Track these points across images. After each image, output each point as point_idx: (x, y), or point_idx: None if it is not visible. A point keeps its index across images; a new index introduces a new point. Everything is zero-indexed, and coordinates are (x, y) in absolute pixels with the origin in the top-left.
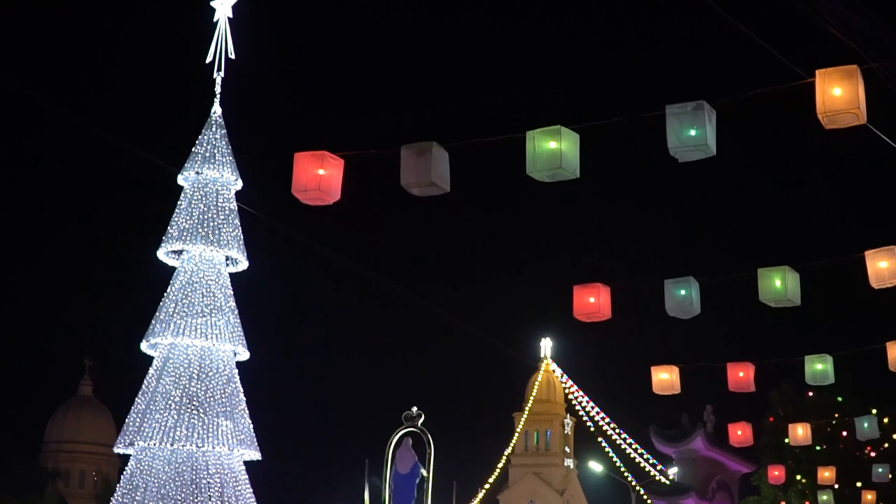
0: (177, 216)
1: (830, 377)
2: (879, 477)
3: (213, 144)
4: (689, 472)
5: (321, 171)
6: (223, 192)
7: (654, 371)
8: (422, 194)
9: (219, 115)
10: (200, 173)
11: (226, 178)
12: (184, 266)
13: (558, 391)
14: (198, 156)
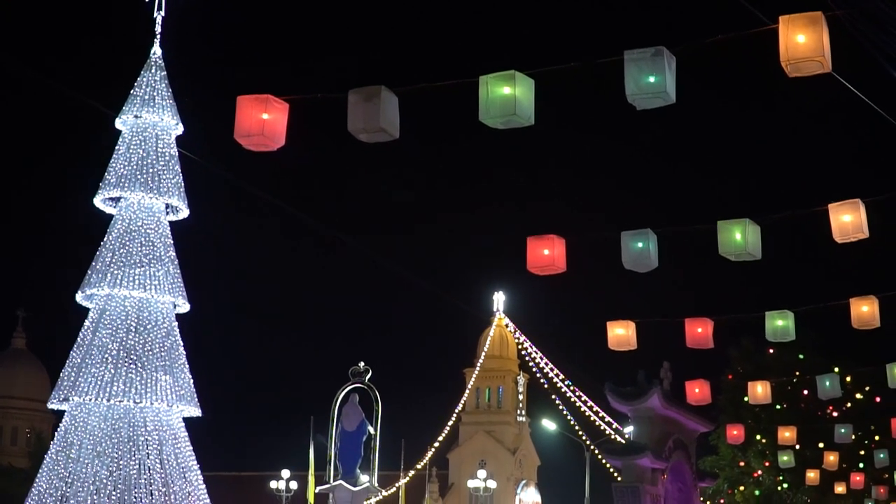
0: (114, 162)
1: (791, 334)
2: (842, 437)
3: (153, 87)
4: (644, 430)
5: (265, 115)
6: (163, 136)
7: (610, 326)
8: (370, 141)
9: (159, 57)
10: (139, 117)
11: (166, 123)
12: (121, 214)
13: (511, 347)
14: (137, 99)
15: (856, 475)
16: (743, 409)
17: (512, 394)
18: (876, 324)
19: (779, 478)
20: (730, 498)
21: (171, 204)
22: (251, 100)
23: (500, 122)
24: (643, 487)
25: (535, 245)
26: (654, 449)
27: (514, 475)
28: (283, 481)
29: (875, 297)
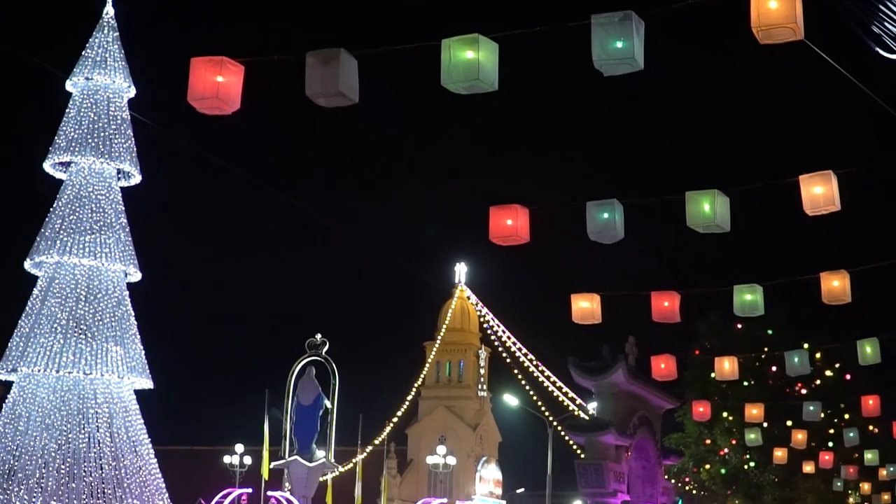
0: (65, 125)
1: (760, 308)
2: (810, 415)
3: (105, 48)
4: (608, 406)
5: (220, 78)
6: (115, 99)
7: (574, 299)
8: (328, 105)
9: (111, 17)
10: (91, 79)
11: (118, 85)
12: (72, 179)
13: (473, 319)
14: (88, 60)
15: (825, 454)
16: (709, 386)
17: (473, 368)
18: (847, 299)
19: (745, 456)
20: (695, 476)
21: (123, 169)
22: (205, 62)
23: (462, 88)
24: (606, 465)
25: (497, 215)
26: (619, 425)
27: (474, 451)
28: (237, 456)
29: (846, 271)
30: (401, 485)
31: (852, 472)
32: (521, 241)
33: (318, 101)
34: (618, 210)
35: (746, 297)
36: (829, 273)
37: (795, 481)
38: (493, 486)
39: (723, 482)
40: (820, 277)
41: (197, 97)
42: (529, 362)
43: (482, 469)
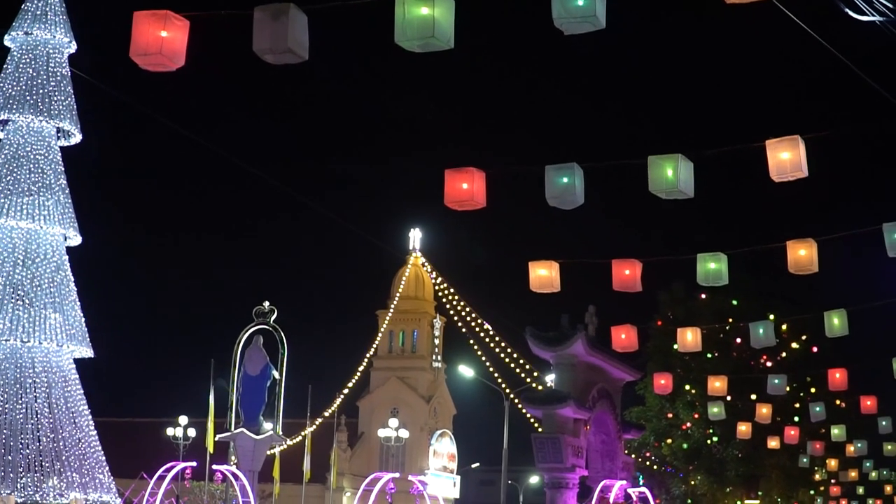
0: (2, 81)
1: (724, 278)
2: (775, 389)
3: (45, 2)
4: (567, 378)
5: (164, 33)
6: (55, 55)
7: (532, 267)
8: (277, 62)
9: None
10: (30, 34)
11: (58, 40)
12: (9, 138)
13: (427, 287)
14: (27, 14)
15: (790, 429)
16: (672, 358)
17: (427, 338)
18: (814, 269)
19: (708, 430)
20: (656, 451)
21: (63, 128)
22: (149, 16)
23: (417, 45)
24: (564, 438)
25: (453, 178)
26: (577, 398)
27: (428, 424)
28: (181, 428)
29: (813, 240)
30: (351, 459)
31: (818, 447)
32: (478, 206)
33: (265, 57)
34: (578, 174)
35: (710, 265)
36: (796, 241)
37: (760, 457)
38: (447, 460)
39: (685, 457)
40: (786, 246)
41: (140, 53)
42: (485, 332)
43: (436, 443)
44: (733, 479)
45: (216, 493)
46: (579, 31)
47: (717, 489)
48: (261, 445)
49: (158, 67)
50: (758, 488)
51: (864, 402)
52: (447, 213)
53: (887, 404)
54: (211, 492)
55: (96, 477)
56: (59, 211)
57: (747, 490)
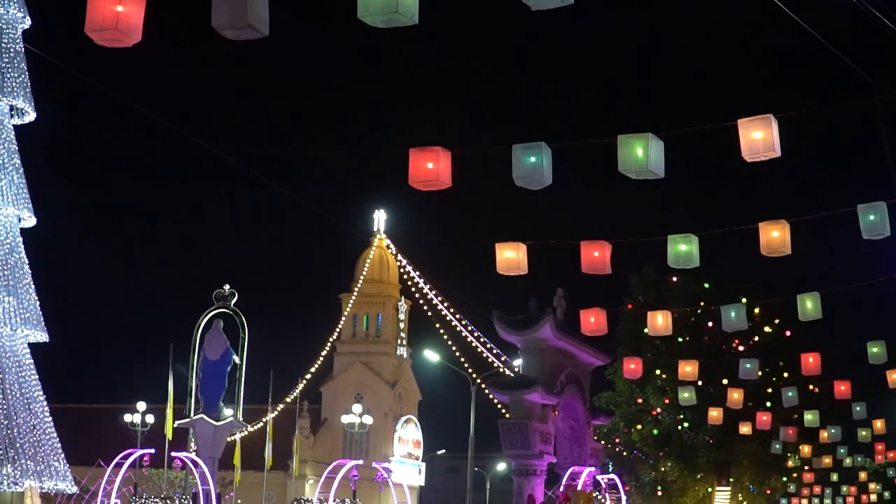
0: None
1: (695, 260)
2: (747, 373)
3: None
4: (535, 363)
5: (120, 7)
6: (8, 30)
7: (499, 248)
8: (236, 38)
9: None
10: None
11: (11, 15)
12: None
13: (392, 270)
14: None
15: (762, 414)
16: (642, 342)
17: (392, 322)
18: (787, 251)
19: (679, 416)
20: (626, 437)
21: (16, 106)
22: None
23: (380, 21)
24: (532, 424)
25: (418, 158)
26: (545, 383)
27: (392, 410)
28: (139, 415)
29: (786, 221)
30: (314, 445)
31: (791, 433)
32: (443, 186)
33: (225, 32)
34: (545, 154)
35: (681, 247)
36: (769, 223)
37: (731, 443)
38: (412, 447)
39: (655, 443)
40: (759, 227)
41: (95, 28)
42: (452, 316)
43: (401, 429)
44: (704, 466)
45: (175, 480)
46: (547, 6)
47: (687, 476)
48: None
49: (114, 43)
50: (729, 475)
51: (837, 387)
52: (412, 193)
53: (861, 389)
54: (170, 479)
55: (52, 464)
56: (12, 191)
57: (719, 477)
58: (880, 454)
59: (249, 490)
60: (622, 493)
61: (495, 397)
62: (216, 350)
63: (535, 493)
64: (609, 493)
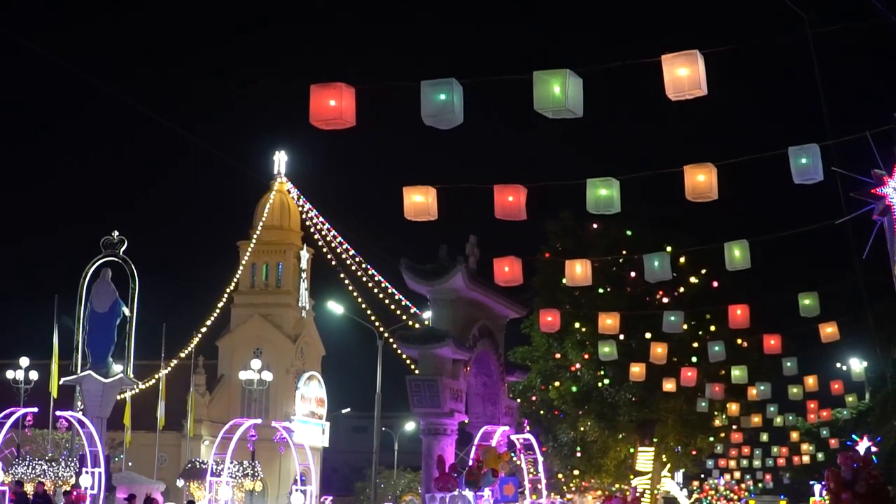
0: None
1: (616, 205)
2: (671, 326)
3: None
4: (446, 315)
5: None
6: None
7: (407, 192)
8: None
9: None
10: None
11: None
12: None
13: (293, 216)
14: None
15: (687, 370)
16: (560, 293)
17: (293, 271)
18: (713, 196)
19: (599, 372)
20: (543, 394)
21: None
22: None
23: None
24: (442, 381)
25: (319, 94)
26: (457, 336)
27: (294, 366)
28: (21, 371)
29: (712, 164)
30: (210, 404)
31: (718, 390)
32: (346, 125)
33: None
34: (456, 91)
35: (601, 192)
36: (694, 166)
37: (654, 401)
38: (315, 405)
39: (574, 401)
40: (684, 171)
41: None
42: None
43: (303, 386)
44: (626, 425)
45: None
46: None
47: (608, 435)
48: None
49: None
50: (653, 434)
51: (767, 341)
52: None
53: (792, 343)
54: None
55: None
56: None
57: (641, 436)
58: (813, 413)
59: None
60: (538, 455)
61: (403, 352)
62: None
63: (445, 453)
64: (524, 454)
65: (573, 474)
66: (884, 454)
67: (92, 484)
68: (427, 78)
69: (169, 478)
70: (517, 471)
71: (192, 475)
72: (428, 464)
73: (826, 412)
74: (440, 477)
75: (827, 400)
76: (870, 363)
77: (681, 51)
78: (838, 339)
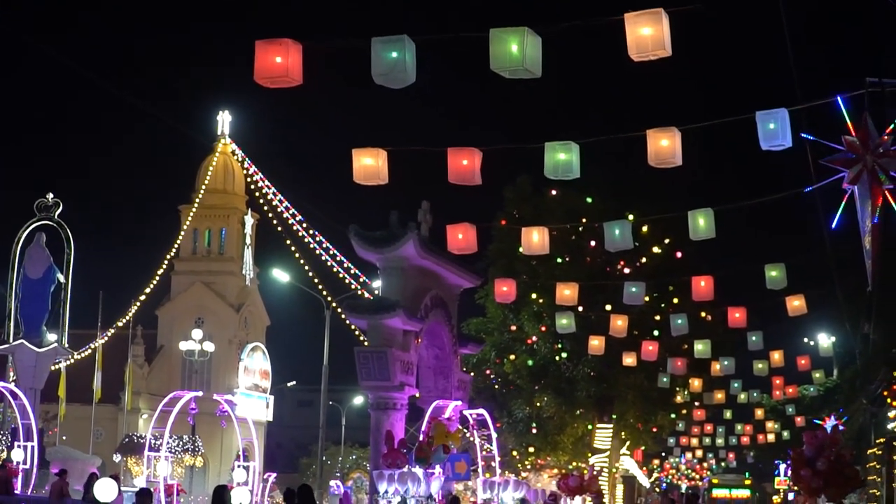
0: None
1: (575, 171)
2: (632, 298)
3: None
4: (396, 284)
5: None
6: None
7: (357, 155)
8: None
9: None
10: None
11: None
12: None
13: (238, 179)
14: None
15: (648, 344)
16: (516, 262)
17: (237, 237)
18: (677, 161)
19: (557, 345)
20: (497, 368)
21: None
22: None
23: None
24: (392, 353)
25: (265, 51)
26: (408, 307)
27: (237, 337)
28: None
29: (676, 129)
30: (149, 375)
31: (680, 365)
32: (293, 84)
33: None
34: (409, 49)
35: (560, 156)
36: (657, 130)
37: (614, 375)
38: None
39: (529, 375)
40: (646, 135)
41: None
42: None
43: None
44: (584, 401)
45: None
46: None
47: (565, 411)
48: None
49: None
50: (612, 411)
51: (731, 314)
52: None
53: (758, 317)
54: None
55: None
56: None
57: (600, 413)
58: (778, 389)
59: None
60: (492, 431)
61: (352, 322)
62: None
63: (394, 429)
64: (478, 430)
65: (528, 452)
66: (851, 433)
67: (24, 458)
68: (378, 35)
69: (105, 453)
70: (470, 448)
71: (130, 450)
72: (376, 439)
73: (792, 389)
74: (389, 453)
75: (793, 376)
76: (838, 338)
77: (644, 9)
78: (806, 312)
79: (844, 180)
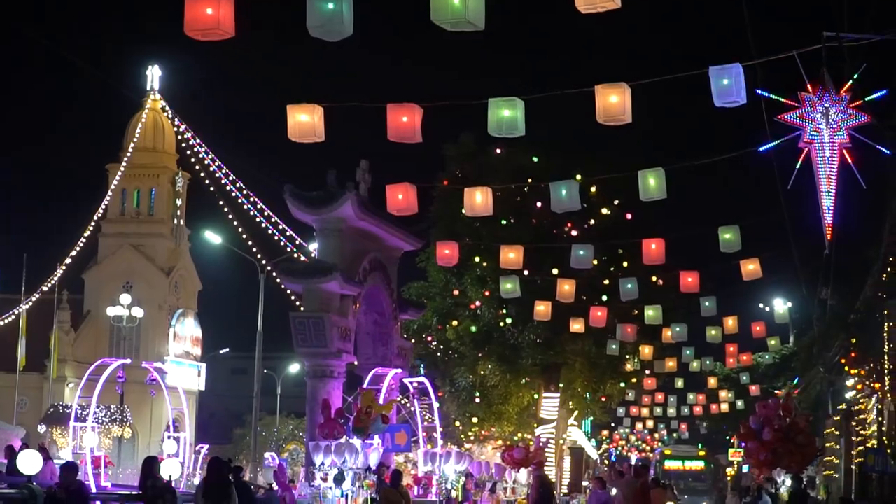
0: None
1: (520, 128)
2: (580, 261)
3: None
4: (333, 247)
5: None
6: None
7: (291, 111)
8: None
9: None
10: None
11: None
12: None
13: (168, 137)
14: None
15: (597, 310)
16: (459, 224)
17: (168, 198)
18: (627, 118)
19: (501, 311)
20: (440, 334)
21: None
22: None
23: None
24: (329, 318)
25: (195, 1)
26: (345, 270)
27: (167, 302)
28: None
29: (626, 84)
30: (75, 342)
31: (630, 331)
32: (225, 36)
33: None
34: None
35: (504, 112)
36: (606, 86)
37: (561, 342)
38: (190, 344)
39: (473, 342)
40: (594, 91)
41: None
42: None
43: (177, 324)
44: (530, 369)
45: None
46: None
47: (510, 380)
48: None
49: None
50: (558, 379)
51: (683, 278)
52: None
53: (711, 282)
54: None
55: None
56: None
57: (546, 381)
58: (732, 357)
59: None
60: (434, 400)
61: (287, 287)
62: None
63: (331, 398)
64: (418, 399)
65: (472, 422)
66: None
67: None
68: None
69: (29, 423)
70: (410, 418)
71: (55, 420)
72: (313, 409)
73: (746, 356)
74: (326, 423)
75: (748, 343)
76: (794, 304)
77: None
78: (761, 276)
79: (801, 138)
